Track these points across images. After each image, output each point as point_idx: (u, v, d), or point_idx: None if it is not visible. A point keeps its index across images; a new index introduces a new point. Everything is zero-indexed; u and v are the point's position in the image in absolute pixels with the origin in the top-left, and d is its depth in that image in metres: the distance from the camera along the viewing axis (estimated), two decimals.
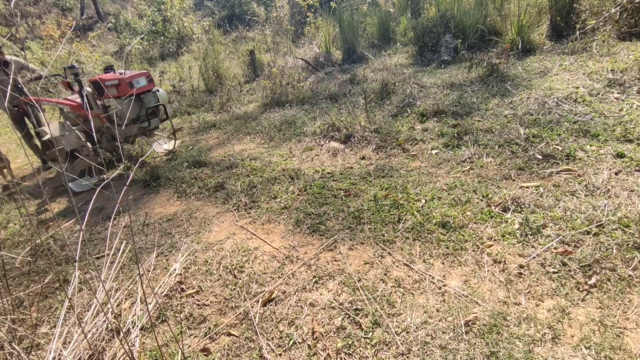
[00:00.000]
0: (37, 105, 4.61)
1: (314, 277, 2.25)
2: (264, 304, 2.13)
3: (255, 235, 2.78)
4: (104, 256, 2.88)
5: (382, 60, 6.72)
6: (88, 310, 2.25)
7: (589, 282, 1.83)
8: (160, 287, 2.38)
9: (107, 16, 14.00)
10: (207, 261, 2.58)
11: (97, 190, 1.42)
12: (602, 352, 1.53)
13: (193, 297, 2.30)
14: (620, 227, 2.08)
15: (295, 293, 2.16)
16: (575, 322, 1.68)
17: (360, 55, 7.28)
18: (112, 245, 2.78)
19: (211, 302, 2.23)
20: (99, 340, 2.05)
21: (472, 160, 3.08)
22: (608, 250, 1.96)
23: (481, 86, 4.53)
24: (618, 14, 4.57)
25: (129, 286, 2.47)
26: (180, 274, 2.50)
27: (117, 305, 2.31)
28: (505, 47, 5.23)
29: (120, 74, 3.98)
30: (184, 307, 2.22)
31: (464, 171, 2.97)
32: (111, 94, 3.93)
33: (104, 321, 2.13)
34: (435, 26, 6.38)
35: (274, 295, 2.16)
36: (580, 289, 1.82)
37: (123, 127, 4.13)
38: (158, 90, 4.29)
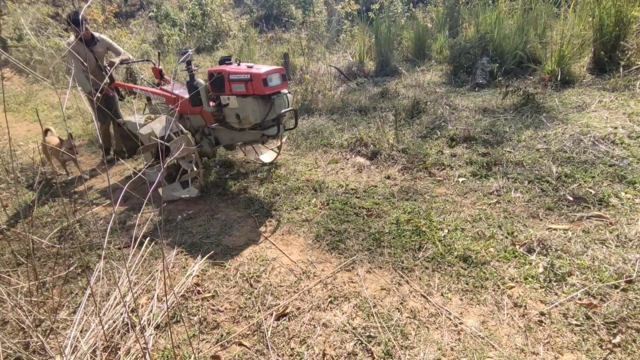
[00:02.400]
0: (125, 92, 4.53)
1: (330, 296, 2.25)
2: (278, 318, 2.14)
3: (274, 245, 2.80)
4: (128, 246, 2.96)
5: (415, 76, 6.68)
6: (106, 301, 2.32)
7: (613, 341, 1.77)
8: (178, 286, 2.43)
9: (149, 5, 14.38)
10: (225, 266, 2.62)
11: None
12: None
13: (208, 300, 2.33)
14: None
15: (309, 310, 2.17)
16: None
17: (394, 69, 7.25)
18: (137, 237, 2.84)
19: (226, 308, 2.26)
20: (115, 332, 2.11)
21: (499, 194, 3.03)
22: (636, 309, 1.90)
23: (515, 115, 4.45)
24: None
25: (147, 282, 2.52)
26: (198, 276, 2.54)
27: (135, 300, 2.36)
28: (543, 77, 5.13)
29: (250, 67, 3.19)
30: (199, 310, 2.25)
31: (490, 204, 2.93)
32: (236, 90, 3.18)
33: (121, 314, 2.18)
34: (472, 47, 6.31)
35: (288, 310, 2.18)
36: (603, 347, 1.76)
37: (241, 131, 3.47)
38: (290, 92, 3.47)
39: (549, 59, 5.35)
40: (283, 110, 3.28)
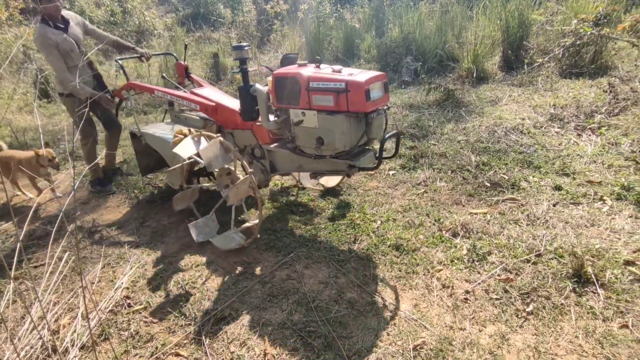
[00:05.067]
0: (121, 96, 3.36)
1: (269, 295, 2.24)
2: (216, 323, 2.08)
3: (210, 248, 2.72)
4: (43, 265, 2.70)
5: None
6: (21, 325, 2.09)
7: (527, 310, 1.97)
8: (105, 301, 2.26)
9: (62, 1, 13.21)
10: (158, 275, 2.49)
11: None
12: None
13: (140, 313, 2.20)
14: (555, 257, 2.26)
15: (249, 311, 2.14)
16: (513, 347, 1.79)
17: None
18: (53, 254, 2.60)
19: (160, 319, 2.15)
20: (33, 359, 1.91)
21: (426, 184, 3.22)
22: (544, 279, 2.12)
23: (438, 110, 4.75)
24: (561, 53, 4.98)
25: (69, 300, 2.32)
26: (128, 288, 2.39)
27: (55, 321, 2.17)
28: (461, 74, 5.53)
29: (337, 70, 2.28)
30: (129, 324, 2.12)
31: (418, 194, 3.10)
32: (318, 104, 2.28)
33: (40, 337, 1.99)
34: (397, 47, 6.62)
35: (226, 314, 2.13)
36: (519, 316, 1.95)
37: (316, 159, 2.49)
38: (388, 108, 2.50)
39: (465, 58, 5.78)
40: (387, 135, 2.39)
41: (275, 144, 2.74)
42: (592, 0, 5.30)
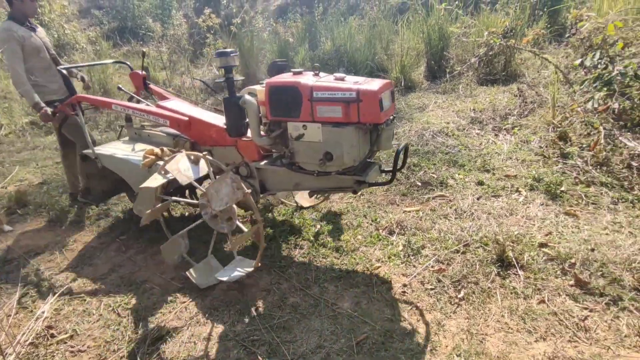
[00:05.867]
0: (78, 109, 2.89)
1: (209, 308, 2.17)
2: (153, 343, 1.97)
3: (145, 266, 2.58)
4: None
5: None
6: None
7: (459, 296, 2.09)
8: (23, 334, 2.05)
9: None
10: (85, 300, 2.30)
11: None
12: (470, 358, 1.75)
13: (66, 342, 2.02)
14: (481, 246, 2.43)
15: (188, 327, 2.05)
16: (448, 332, 1.90)
17: (261, 82, 7.39)
18: None
19: (88, 347, 1.99)
20: None
21: None
22: (472, 267, 2.28)
23: None
24: (477, 63, 5.45)
25: None
26: (51, 317, 2.19)
27: None
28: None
29: (340, 78, 2.13)
30: (53, 356, 1.94)
31: (355, 197, 3.19)
32: (323, 115, 2.07)
33: None
34: (330, 59, 6.82)
35: (164, 333, 2.02)
36: (452, 303, 2.07)
37: (319, 176, 2.24)
38: (394, 118, 2.31)
39: (393, 68, 6.10)
40: (401, 147, 2.22)
41: (265, 161, 2.44)
42: (500, 16, 5.88)
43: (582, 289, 2.04)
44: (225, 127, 2.50)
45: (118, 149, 2.80)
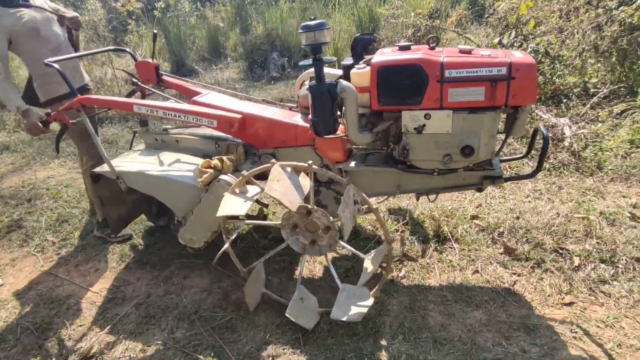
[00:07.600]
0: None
1: (145, 317, 2.02)
2: None
3: (67, 280, 2.34)
4: None
5: (214, 75, 6.61)
6: None
7: (400, 275, 2.14)
8: None
9: None
10: None
11: None
12: (413, 335, 1.79)
13: None
14: (418, 223, 2.50)
15: (121, 341, 1.89)
16: (391, 312, 1.93)
17: (191, 69, 7.02)
18: None
19: None
20: None
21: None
22: (412, 244, 2.34)
23: None
24: None
25: None
26: None
27: None
28: None
29: (465, 52, 1.70)
30: None
31: None
32: (458, 99, 1.67)
33: None
34: (262, 44, 6.63)
35: (94, 350, 1.85)
36: (395, 282, 2.10)
37: (440, 175, 1.85)
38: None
39: (327, 52, 6.06)
40: (542, 128, 1.87)
41: (354, 162, 2.02)
42: None
43: (510, 255, 2.17)
44: (298, 124, 2.05)
45: (142, 163, 2.19)
